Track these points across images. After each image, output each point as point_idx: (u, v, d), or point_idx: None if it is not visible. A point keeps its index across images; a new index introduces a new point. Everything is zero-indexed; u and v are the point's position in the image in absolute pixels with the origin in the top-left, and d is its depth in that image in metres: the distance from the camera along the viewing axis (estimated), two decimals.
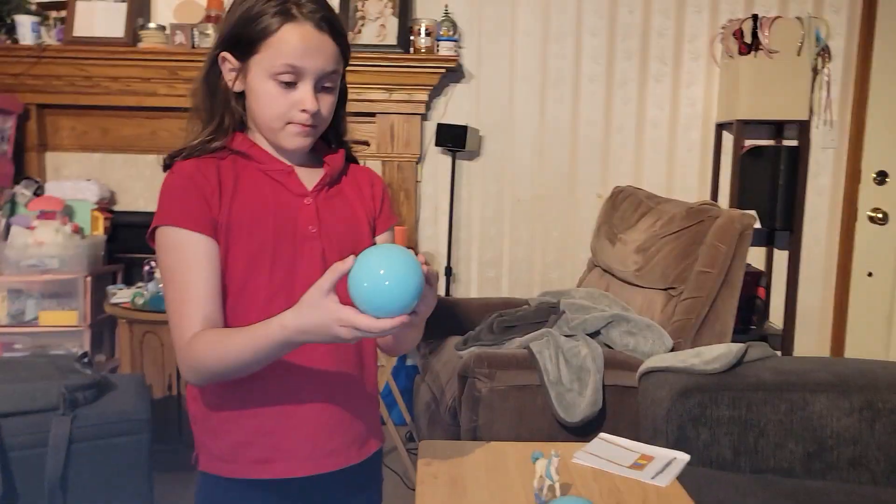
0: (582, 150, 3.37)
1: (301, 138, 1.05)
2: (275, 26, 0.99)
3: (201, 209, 1.00)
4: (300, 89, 1.02)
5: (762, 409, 1.65)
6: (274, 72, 1.00)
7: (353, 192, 1.14)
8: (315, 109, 1.02)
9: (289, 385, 1.04)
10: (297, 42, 1.00)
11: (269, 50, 1.00)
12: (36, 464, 1.81)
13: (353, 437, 1.09)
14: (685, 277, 2.37)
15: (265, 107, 1.03)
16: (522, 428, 2.11)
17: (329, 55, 1.02)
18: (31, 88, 3.08)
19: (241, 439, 1.04)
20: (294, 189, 1.07)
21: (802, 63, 3.04)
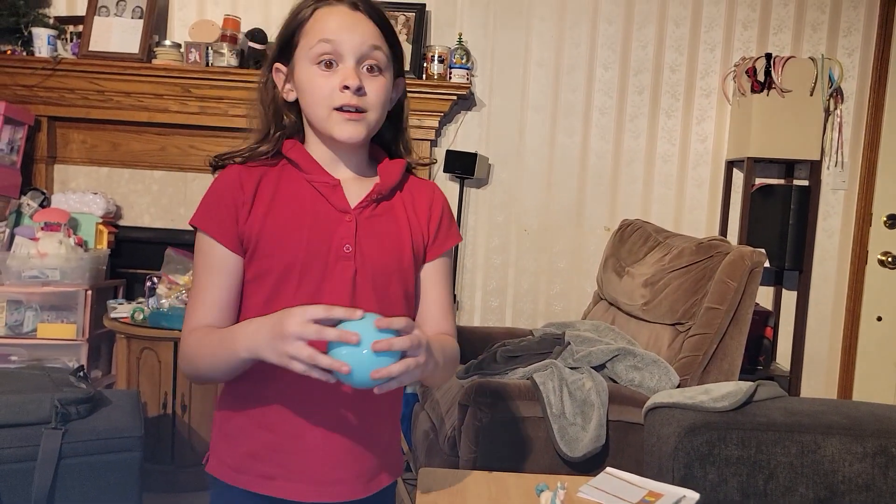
0: (591, 183, 3.36)
1: (350, 125, 1.00)
2: (309, 13, 1.01)
3: (229, 222, 1.00)
4: (339, 71, 0.99)
5: (772, 451, 1.60)
6: (313, 54, 0.99)
7: (406, 211, 1.07)
8: (357, 84, 0.98)
9: (306, 406, 1.01)
10: (331, 20, 0.99)
11: (306, 36, 1.00)
12: (24, 478, 1.77)
13: (362, 469, 1.04)
14: (693, 313, 2.33)
15: (310, 94, 1.00)
16: (523, 461, 2.06)
17: (367, 32, 1.00)
18: (44, 100, 3.09)
19: (251, 451, 1.02)
20: (336, 203, 1.02)
21: (815, 103, 3.03)
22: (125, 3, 3.08)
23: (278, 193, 1.02)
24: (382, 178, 1.06)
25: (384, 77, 1.02)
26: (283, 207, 1.01)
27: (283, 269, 0.99)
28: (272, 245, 0.99)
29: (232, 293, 1.02)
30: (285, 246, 0.99)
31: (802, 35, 3.29)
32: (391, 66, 1.03)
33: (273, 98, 1.06)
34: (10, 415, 1.79)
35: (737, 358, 2.28)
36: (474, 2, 3.28)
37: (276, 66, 1.05)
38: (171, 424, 2.58)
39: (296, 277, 0.99)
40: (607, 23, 3.30)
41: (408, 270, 1.05)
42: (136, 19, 3.07)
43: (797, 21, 3.29)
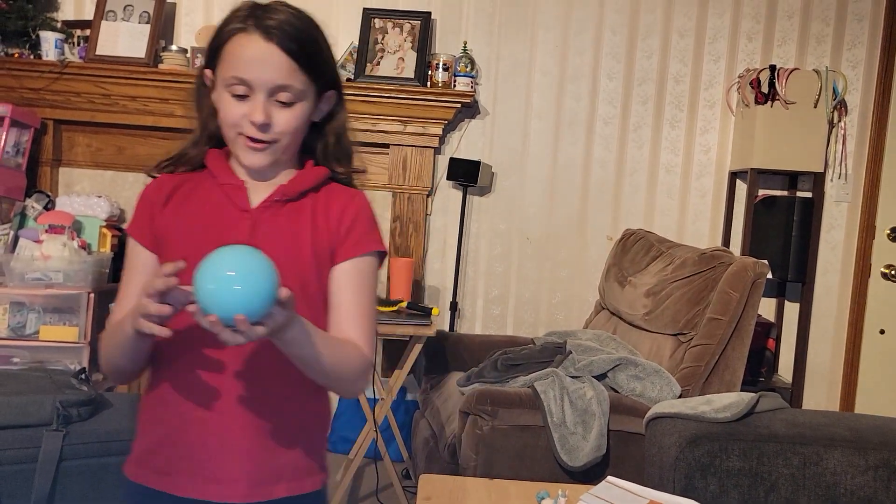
0: (593, 192, 3.36)
1: (252, 153, 1.03)
2: (228, 36, 1.01)
3: (145, 221, 1.07)
4: (250, 101, 1.01)
5: (774, 462, 1.60)
6: (226, 84, 1.01)
7: (315, 213, 1.07)
8: (261, 121, 1.00)
9: (194, 397, 1.01)
10: (244, 53, 0.99)
11: (223, 62, 1.02)
12: (24, 480, 1.76)
13: (246, 471, 1.01)
14: (695, 323, 2.33)
15: (221, 117, 1.03)
16: (523, 469, 2.06)
17: (277, 68, 0.99)
18: (51, 104, 3.11)
19: (148, 446, 1.05)
20: (238, 203, 1.05)
21: (819, 115, 3.04)
22: (132, 7, 3.10)
23: (191, 197, 1.07)
24: (291, 182, 1.07)
25: (298, 106, 1.03)
26: (191, 208, 1.06)
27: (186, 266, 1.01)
28: (175, 243, 1.04)
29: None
30: (185, 244, 1.03)
31: (807, 47, 3.30)
32: (310, 92, 1.04)
33: (206, 102, 1.08)
34: (12, 416, 1.79)
35: (739, 369, 2.28)
36: (479, 11, 3.30)
37: (205, 72, 1.07)
38: None
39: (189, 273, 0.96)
40: (612, 33, 3.31)
41: (306, 268, 1.04)
42: (143, 24, 3.08)
43: (801, 33, 3.30)
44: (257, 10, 1.01)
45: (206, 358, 1.01)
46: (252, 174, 1.07)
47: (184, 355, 1.02)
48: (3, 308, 2.75)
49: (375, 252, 1.08)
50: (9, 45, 3.04)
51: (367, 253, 1.07)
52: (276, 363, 0.98)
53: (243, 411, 1.01)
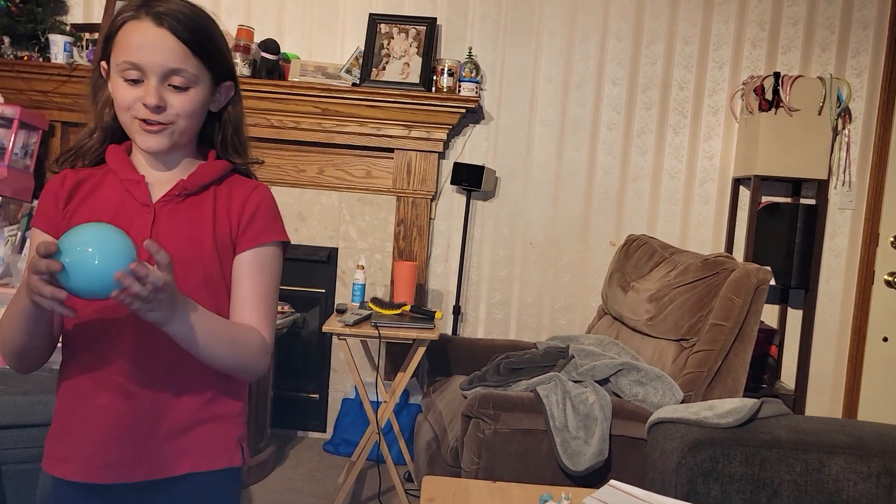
0: (597, 198, 3.37)
1: (149, 136, 1.04)
2: (119, 24, 1.03)
3: (50, 211, 1.07)
4: (144, 86, 1.02)
5: (776, 468, 1.60)
6: (119, 69, 1.02)
7: (216, 206, 1.09)
8: (154, 104, 1.01)
9: (92, 385, 1.04)
10: (135, 38, 1.01)
11: (115, 49, 1.03)
12: (29, 479, 1.78)
13: (145, 454, 1.04)
14: (698, 329, 2.33)
15: (116, 103, 1.05)
16: (525, 473, 2.06)
17: (169, 51, 1.02)
18: (59, 106, 3.13)
19: (55, 432, 1.07)
20: (139, 198, 1.07)
21: (822, 123, 3.05)
22: None
23: (93, 193, 1.08)
24: (190, 176, 1.09)
25: (192, 91, 1.05)
26: (94, 204, 1.07)
27: None
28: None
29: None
30: None
31: (811, 55, 3.31)
32: (205, 78, 1.06)
33: (102, 95, 1.10)
34: (17, 415, 1.80)
35: (741, 375, 2.28)
36: (485, 16, 3.32)
37: (101, 65, 1.08)
38: None
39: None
40: (616, 39, 3.33)
41: (209, 260, 1.07)
42: None
43: (806, 41, 3.31)
44: (149, 1, 1.04)
45: (103, 346, 1.04)
46: (151, 163, 1.09)
47: (84, 341, 1.05)
48: None
49: (277, 242, 1.11)
50: (18, 48, 3.06)
51: (267, 243, 1.10)
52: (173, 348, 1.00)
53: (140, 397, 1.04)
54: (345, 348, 2.58)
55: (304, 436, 3.38)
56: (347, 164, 3.29)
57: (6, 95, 3.12)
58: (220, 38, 1.09)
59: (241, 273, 1.09)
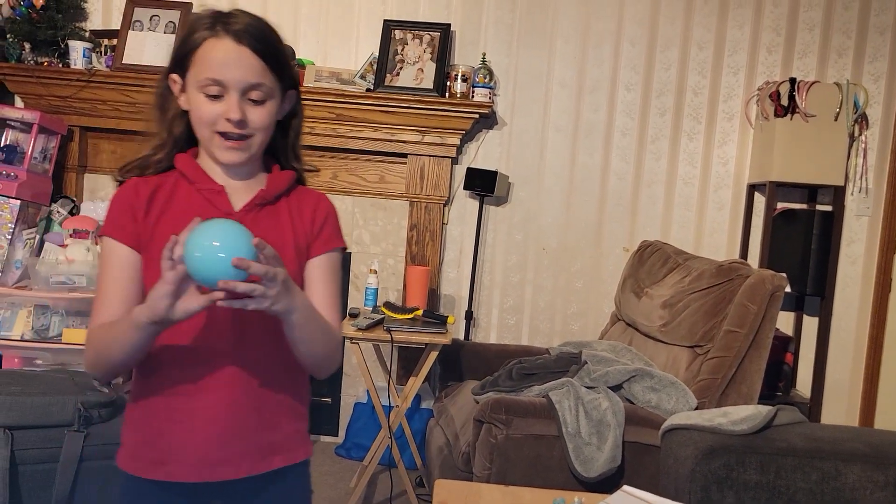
0: (610, 203, 3.36)
1: (230, 152, 1.08)
2: (199, 41, 1.06)
3: (126, 221, 1.09)
4: (225, 101, 1.06)
5: (792, 477, 1.59)
6: (200, 85, 1.06)
7: (291, 214, 1.15)
8: (237, 118, 1.05)
9: (187, 388, 1.07)
10: (216, 55, 1.05)
11: (195, 65, 1.06)
12: (44, 479, 1.80)
13: (248, 449, 1.09)
14: (712, 336, 2.32)
15: (197, 118, 1.08)
16: (537, 479, 2.06)
17: (250, 68, 1.06)
18: (77, 111, 3.17)
19: (143, 438, 1.09)
20: (221, 207, 1.10)
21: (839, 128, 3.02)
22: (158, 18, 3.16)
23: (171, 201, 1.10)
24: (268, 186, 1.13)
25: (268, 104, 1.09)
26: (173, 213, 1.09)
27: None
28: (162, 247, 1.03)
29: (135, 286, 1.07)
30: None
31: (828, 60, 3.29)
32: (277, 91, 1.10)
33: (173, 105, 1.12)
34: (35, 416, 1.82)
35: (756, 382, 2.27)
36: (498, 22, 3.32)
37: (171, 77, 1.11)
38: None
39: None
40: (631, 45, 3.32)
41: (290, 266, 1.10)
42: (168, 34, 3.14)
43: (822, 46, 3.29)
44: (221, 16, 1.07)
45: (190, 350, 1.07)
46: (229, 174, 1.13)
47: (175, 347, 1.07)
48: (28, 311, 2.80)
49: (340, 248, 1.18)
50: (39, 54, 3.10)
51: (334, 249, 1.17)
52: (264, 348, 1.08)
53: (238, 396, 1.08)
54: (357, 352, 2.59)
55: (317, 440, 3.39)
56: (361, 169, 3.30)
57: (26, 101, 3.17)
58: (286, 49, 1.13)
59: (314, 277, 1.14)
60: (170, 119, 1.12)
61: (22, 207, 2.87)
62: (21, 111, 2.97)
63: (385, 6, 3.32)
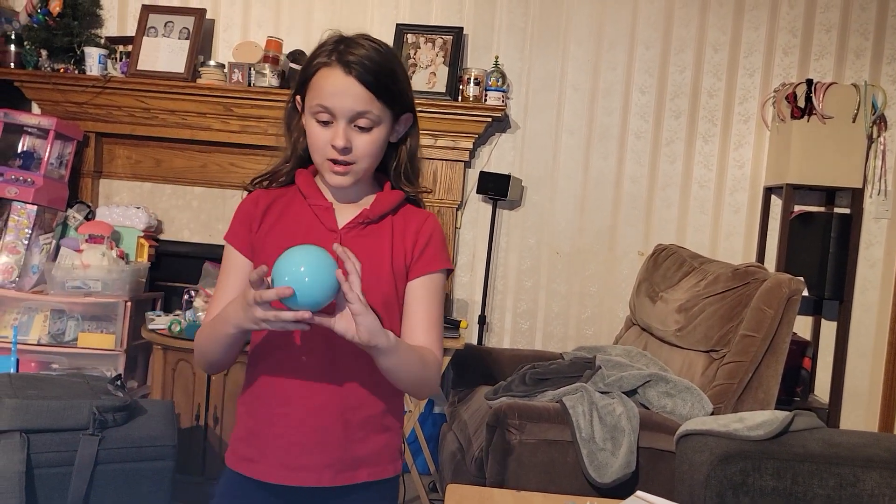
0: (625, 207, 3.34)
1: (337, 176, 1.13)
2: (315, 69, 1.12)
3: (243, 231, 1.18)
4: (333, 127, 1.12)
5: (809, 483, 1.57)
6: (312, 111, 1.12)
7: (394, 234, 1.17)
8: (343, 145, 1.10)
9: (280, 393, 1.12)
10: (327, 85, 1.11)
11: (310, 92, 1.13)
12: (60, 483, 1.81)
13: (331, 459, 1.12)
14: (728, 340, 2.30)
15: (310, 142, 1.15)
16: (550, 484, 2.04)
17: (356, 98, 1.10)
18: (93, 117, 3.20)
19: (241, 435, 1.16)
20: (326, 223, 1.16)
21: (857, 130, 2.99)
22: (173, 24, 3.18)
23: (284, 214, 1.18)
24: (372, 206, 1.18)
25: (375, 131, 1.13)
26: (285, 226, 1.16)
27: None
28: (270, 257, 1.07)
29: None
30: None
31: (845, 61, 3.25)
32: (387, 117, 1.14)
33: (294, 124, 1.20)
34: (50, 420, 1.83)
35: (773, 387, 2.24)
36: (511, 25, 3.32)
37: (297, 98, 1.18)
38: (202, 436, 2.61)
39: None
40: (645, 47, 3.30)
41: (386, 283, 1.15)
42: (182, 40, 3.16)
43: (840, 47, 3.25)
44: (340, 44, 1.12)
45: (293, 357, 1.12)
46: (337, 195, 1.18)
47: (273, 354, 1.13)
48: (45, 315, 2.82)
49: (444, 270, 1.20)
50: (55, 60, 3.14)
51: (437, 270, 1.18)
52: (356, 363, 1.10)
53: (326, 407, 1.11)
54: None
55: None
56: None
57: (43, 107, 3.20)
58: (403, 75, 1.18)
59: (413, 298, 1.17)
60: (295, 137, 1.20)
61: (39, 213, 2.89)
62: (38, 117, 3.01)
63: (397, 10, 3.33)
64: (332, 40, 1.14)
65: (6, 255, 2.85)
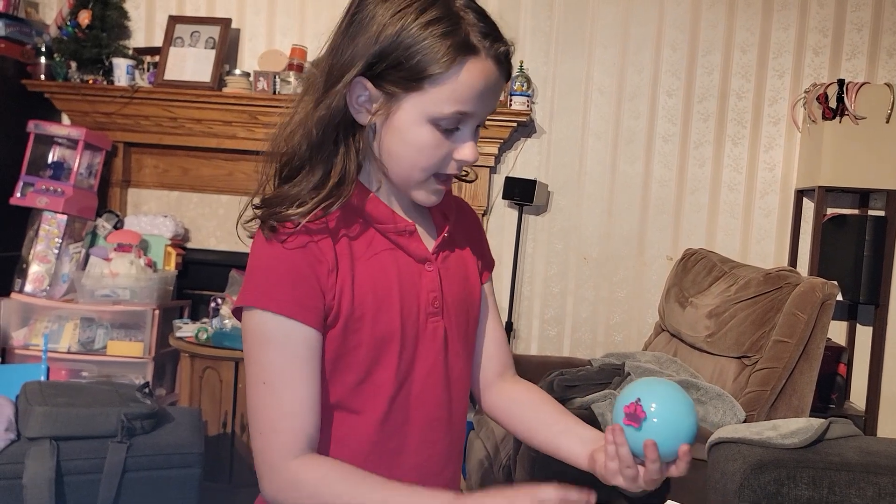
0: (653, 211, 3.30)
1: (437, 195, 0.87)
2: (450, 62, 0.78)
3: (315, 296, 0.81)
4: (459, 136, 0.84)
5: (846, 492, 1.52)
6: (437, 117, 0.81)
7: (463, 238, 0.97)
8: (475, 160, 0.85)
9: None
10: (476, 84, 0.80)
11: (438, 90, 0.79)
12: (89, 490, 1.82)
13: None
14: (761, 346, 2.24)
15: (415, 157, 0.83)
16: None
17: (499, 96, 0.88)
18: (121, 127, 3.24)
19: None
20: (416, 253, 0.88)
21: (891, 130, 2.91)
22: (199, 34, 3.22)
23: (354, 250, 0.85)
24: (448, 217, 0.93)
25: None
26: (367, 268, 0.85)
27: (379, 340, 0.85)
28: (364, 314, 0.84)
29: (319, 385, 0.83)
30: (380, 314, 0.84)
31: (877, 60, 3.18)
32: None
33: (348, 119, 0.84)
34: (80, 427, 1.85)
35: (807, 394, 2.18)
36: (536, 29, 3.30)
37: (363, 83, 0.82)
38: (229, 443, 2.62)
39: (394, 347, 0.85)
40: (671, 49, 3.26)
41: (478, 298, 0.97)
42: (208, 49, 3.19)
43: (872, 46, 3.18)
44: (492, 28, 0.82)
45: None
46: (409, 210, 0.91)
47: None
48: (74, 323, 2.86)
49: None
50: (84, 72, 3.19)
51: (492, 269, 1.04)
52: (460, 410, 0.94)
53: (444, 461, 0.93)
54: None
55: None
56: None
57: (72, 118, 3.25)
58: None
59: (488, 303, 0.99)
60: (345, 141, 0.84)
61: (68, 222, 2.94)
62: (67, 128, 3.05)
63: None
64: (478, 15, 0.80)
65: (37, 265, 2.89)
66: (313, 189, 0.83)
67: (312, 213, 0.82)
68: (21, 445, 1.79)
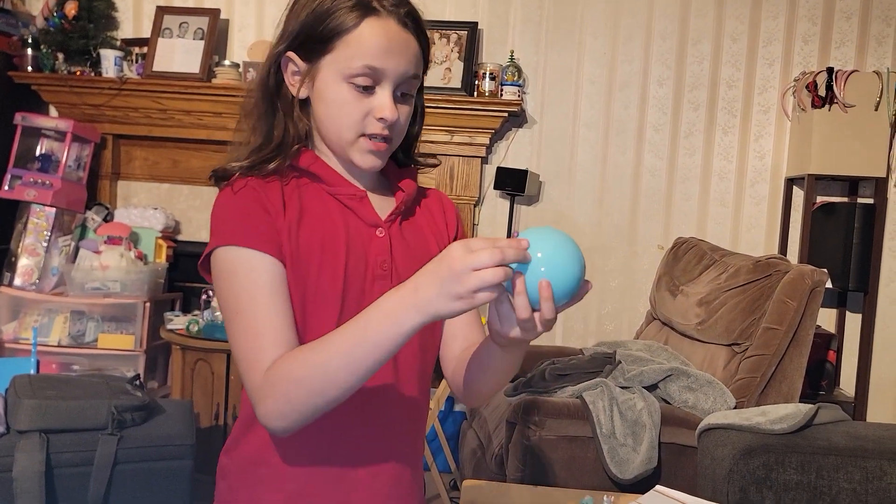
0: (644, 200, 3.30)
1: (373, 156, 0.91)
2: (353, 21, 0.87)
3: (268, 227, 0.87)
4: (378, 95, 0.89)
5: (834, 476, 1.53)
6: (350, 73, 0.88)
7: (425, 220, 1.00)
8: (394, 118, 0.89)
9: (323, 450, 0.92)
10: (379, 39, 0.87)
11: (346, 48, 0.87)
12: (79, 483, 1.81)
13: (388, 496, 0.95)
14: (750, 333, 2.26)
15: (336, 115, 0.90)
16: (571, 480, 2.02)
17: (412, 56, 0.90)
18: (110, 119, 3.22)
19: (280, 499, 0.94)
20: (366, 217, 0.93)
21: (880, 118, 2.93)
22: (188, 24, 3.19)
23: (305, 206, 0.90)
24: (405, 190, 0.97)
25: (411, 100, 0.94)
26: (315, 221, 0.90)
27: (322, 292, 0.89)
28: (311, 263, 0.88)
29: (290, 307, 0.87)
30: (324, 265, 0.89)
31: (866, 49, 3.19)
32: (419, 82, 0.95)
33: (284, 92, 0.93)
34: (70, 420, 1.84)
35: (796, 381, 2.20)
36: (526, 20, 3.29)
37: (289, 57, 0.91)
38: (222, 435, 2.62)
39: (336, 301, 0.89)
40: (662, 39, 3.26)
41: None
42: (197, 40, 3.17)
43: (861, 34, 3.19)
44: None
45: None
46: (364, 180, 0.96)
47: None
48: (65, 317, 2.85)
49: None
50: (71, 63, 3.16)
51: None
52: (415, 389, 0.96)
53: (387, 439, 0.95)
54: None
55: None
56: None
57: (60, 110, 3.23)
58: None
59: None
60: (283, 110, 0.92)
61: (57, 215, 2.92)
62: (55, 120, 3.03)
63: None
64: None
65: (26, 258, 2.87)
66: (254, 150, 0.93)
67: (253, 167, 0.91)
68: (10, 438, 1.79)
